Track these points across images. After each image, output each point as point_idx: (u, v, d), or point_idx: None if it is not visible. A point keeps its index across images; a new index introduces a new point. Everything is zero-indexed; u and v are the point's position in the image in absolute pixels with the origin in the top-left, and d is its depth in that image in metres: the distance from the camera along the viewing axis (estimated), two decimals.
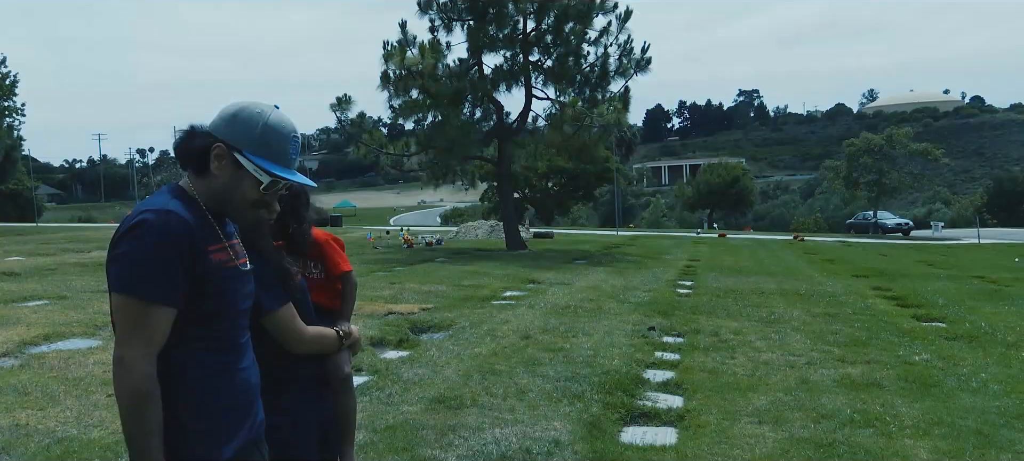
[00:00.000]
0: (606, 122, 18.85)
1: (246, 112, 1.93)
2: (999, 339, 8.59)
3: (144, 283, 1.75)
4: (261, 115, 1.94)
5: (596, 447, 4.76)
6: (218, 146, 1.89)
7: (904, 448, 4.83)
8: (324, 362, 2.43)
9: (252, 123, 1.92)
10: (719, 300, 11.64)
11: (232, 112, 1.94)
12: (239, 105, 1.96)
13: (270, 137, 1.93)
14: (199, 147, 1.90)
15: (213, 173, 1.89)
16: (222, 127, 1.92)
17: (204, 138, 1.91)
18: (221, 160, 1.89)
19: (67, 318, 8.57)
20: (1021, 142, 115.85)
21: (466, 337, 8.23)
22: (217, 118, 1.94)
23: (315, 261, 2.58)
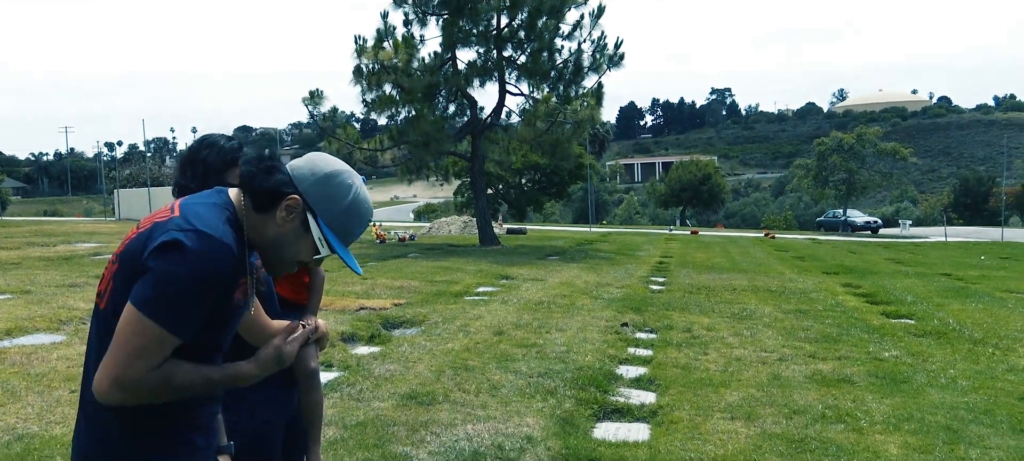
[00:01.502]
0: (579, 118, 18.84)
1: (340, 179, 1.80)
2: (966, 336, 8.70)
3: (172, 314, 1.63)
4: (351, 188, 1.81)
5: (569, 443, 4.73)
6: (295, 199, 1.75)
7: (875, 443, 4.86)
8: None
9: (341, 194, 1.79)
10: (691, 296, 11.68)
11: (326, 173, 1.79)
12: (335, 168, 1.81)
13: (351, 215, 1.81)
14: (273, 187, 1.75)
15: (276, 220, 1.75)
16: (309, 182, 1.77)
17: (282, 180, 1.76)
18: (291, 214, 1.76)
19: (30, 313, 8.38)
20: (986, 142, 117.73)
21: (438, 333, 8.17)
22: (305, 168, 1.79)
23: None
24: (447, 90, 20.62)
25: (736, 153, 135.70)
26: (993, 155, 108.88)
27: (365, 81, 19.42)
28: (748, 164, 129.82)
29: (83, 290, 10.47)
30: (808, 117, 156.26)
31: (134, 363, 1.62)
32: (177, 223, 1.68)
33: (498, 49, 20.66)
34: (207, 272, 1.64)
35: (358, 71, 19.40)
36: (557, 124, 19.00)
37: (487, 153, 21.83)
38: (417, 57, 20.01)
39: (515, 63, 20.83)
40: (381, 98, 19.66)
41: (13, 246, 17.62)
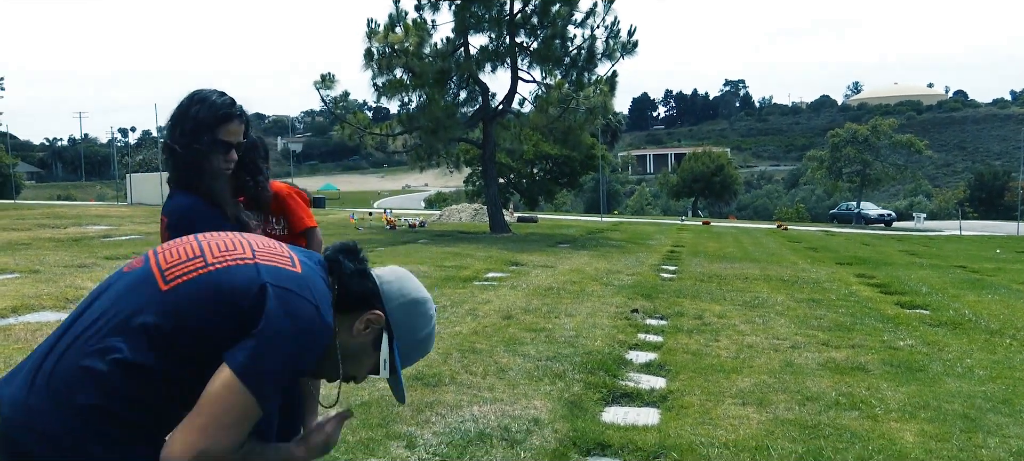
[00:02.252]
0: (592, 105, 18.69)
1: (425, 308, 1.76)
2: (983, 326, 8.55)
3: (275, 392, 1.55)
4: (431, 320, 1.79)
5: (577, 426, 4.63)
6: (379, 315, 1.69)
7: (890, 431, 4.74)
8: None
9: (422, 324, 1.76)
10: (703, 284, 11.55)
11: (414, 298, 1.75)
12: (423, 294, 1.78)
13: (422, 346, 1.79)
14: (361, 292, 1.69)
15: (351, 328, 1.68)
16: (396, 302, 1.72)
17: (373, 290, 1.70)
18: (368, 328, 1.69)
19: (37, 291, 8.35)
20: (1002, 137, 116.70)
21: (447, 316, 8.09)
22: (395, 285, 1.74)
23: (277, 216, 2.43)
24: (459, 76, 20.51)
25: (749, 145, 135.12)
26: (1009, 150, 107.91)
27: (376, 65, 19.32)
28: (761, 156, 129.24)
29: (91, 271, 10.46)
30: (822, 110, 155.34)
31: (225, 437, 1.49)
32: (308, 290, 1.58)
33: (510, 35, 20.51)
34: (310, 360, 1.58)
35: (369, 54, 19.31)
36: (569, 111, 18.86)
37: (498, 140, 21.71)
38: (429, 42, 19.91)
39: (527, 49, 20.69)
40: (391, 82, 19.56)
41: (24, 227, 17.65)
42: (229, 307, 1.53)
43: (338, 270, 1.69)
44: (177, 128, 2.08)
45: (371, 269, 1.76)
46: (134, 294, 1.57)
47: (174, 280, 1.56)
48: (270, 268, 1.58)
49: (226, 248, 1.60)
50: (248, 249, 1.61)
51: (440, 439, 4.31)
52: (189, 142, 2.06)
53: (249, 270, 1.56)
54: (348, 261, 1.70)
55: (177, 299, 1.54)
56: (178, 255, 1.61)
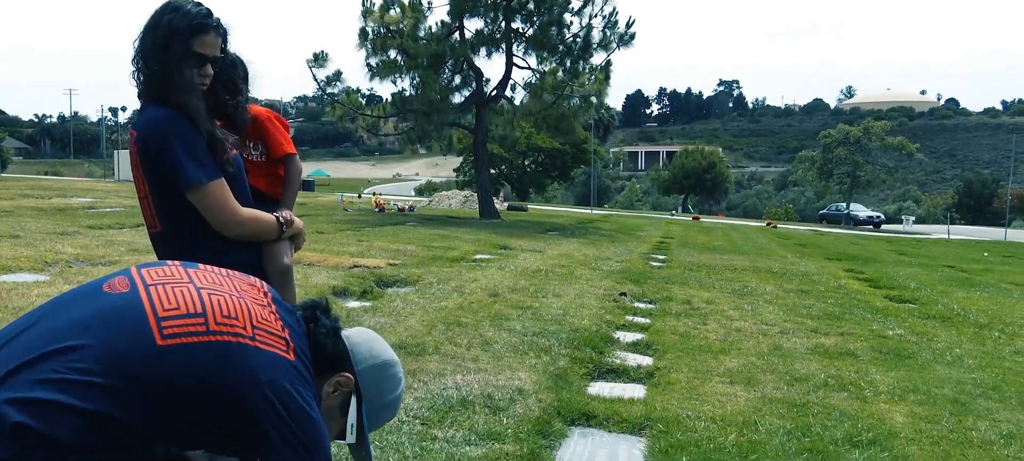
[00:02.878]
0: (586, 93, 18.58)
1: (394, 370, 1.74)
2: (972, 320, 8.51)
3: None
4: (400, 383, 1.76)
5: (562, 397, 4.54)
6: (348, 378, 1.65)
7: (880, 411, 4.67)
8: (261, 251, 2.16)
9: (390, 386, 1.73)
10: (692, 273, 11.48)
11: (384, 360, 1.72)
12: (392, 356, 1.75)
13: (389, 410, 1.77)
14: (333, 354, 1.64)
15: (322, 390, 1.63)
16: (366, 364, 1.67)
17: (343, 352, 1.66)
18: (336, 391, 1.64)
19: (16, 253, 8.20)
20: (992, 146, 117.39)
21: (432, 292, 7.98)
22: (364, 347, 1.69)
23: (255, 141, 2.31)
24: (453, 60, 20.35)
25: (741, 145, 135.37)
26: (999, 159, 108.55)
27: (370, 44, 19.13)
28: (752, 157, 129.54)
29: (73, 238, 10.30)
30: (815, 113, 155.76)
31: None
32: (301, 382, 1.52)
33: (507, 20, 20.35)
34: None
35: (363, 34, 19.11)
36: (563, 98, 18.74)
37: (491, 125, 21.57)
38: (424, 25, 19.73)
39: (523, 36, 20.54)
40: (385, 63, 19.38)
41: (7, 197, 17.43)
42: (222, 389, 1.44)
43: (313, 328, 1.63)
44: (149, 37, 1.97)
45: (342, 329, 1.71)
46: (121, 337, 1.42)
47: (172, 338, 1.43)
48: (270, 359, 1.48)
49: (229, 314, 1.48)
50: (249, 324, 1.49)
51: (421, 404, 4.21)
52: (161, 52, 1.94)
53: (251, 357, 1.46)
54: (324, 319, 1.65)
55: (173, 362, 1.42)
56: (177, 303, 1.47)
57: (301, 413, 1.46)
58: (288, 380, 1.46)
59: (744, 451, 3.78)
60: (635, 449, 3.90)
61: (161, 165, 1.96)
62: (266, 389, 1.43)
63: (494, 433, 3.81)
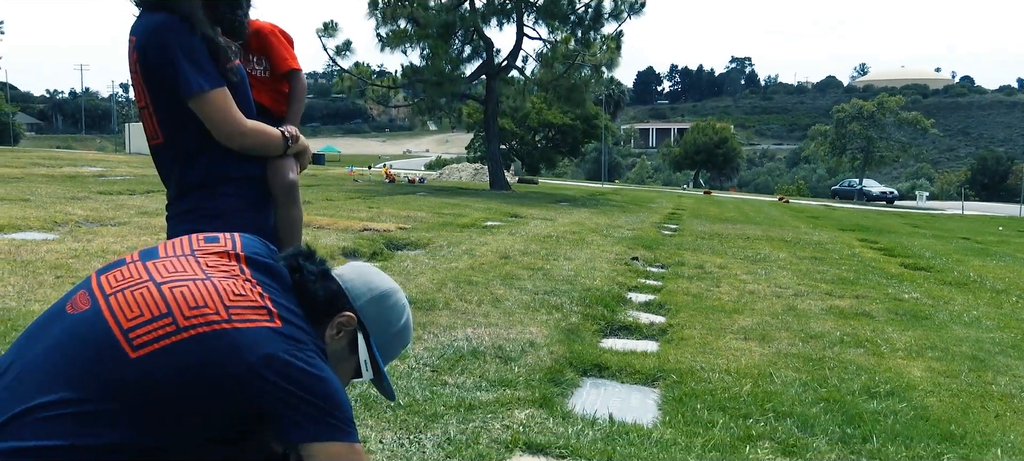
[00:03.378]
0: (598, 62, 18.40)
1: (395, 298, 1.65)
2: (988, 286, 8.40)
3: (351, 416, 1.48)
4: (405, 309, 1.68)
5: (573, 349, 4.48)
6: (350, 316, 1.57)
7: (897, 366, 4.59)
8: (266, 166, 2.09)
9: (395, 315, 1.65)
10: (704, 241, 11.39)
11: (382, 290, 1.64)
12: (389, 285, 1.66)
13: (400, 339, 1.70)
14: (327, 297, 1.56)
15: (325, 336, 1.56)
16: (365, 299, 1.60)
17: (337, 290, 1.58)
18: (341, 331, 1.57)
19: (25, 214, 8.18)
20: (1007, 124, 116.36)
21: (443, 254, 7.93)
22: (359, 282, 1.62)
23: (259, 56, 2.24)
24: (463, 30, 20.18)
25: (753, 123, 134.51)
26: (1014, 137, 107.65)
27: (380, 13, 18.99)
28: (764, 135, 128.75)
29: (83, 202, 10.28)
30: (828, 90, 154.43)
31: None
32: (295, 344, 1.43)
33: None
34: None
35: (373, 3, 18.97)
36: (574, 67, 18.58)
37: (502, 96, 21.41)
38: None
39: (534, 5, 20.34)
40: (395, 33, 19.25)
41: (18, 165, 17.45)
42: (216, 383, 1.36)
43: (300, 277, 1.55)
44: None
45: (331, 270, 1.63)
46: (95, 359, 1.35)
47: (144, 347, 1.35)
48: (254, 334, 1.39)
49: (196, 304, 1.39)
50: (221, 307, 1.39)
51: (431, 354, 4.15)
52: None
53: (233, 341, 1.37)
54: (308, 265, 1.57)
55: (153, 370, 1.34)
56: (140, 309, 1.38)
57: (304, 376, 1.39)
58: (280, 349, 1.38)
59: (760, 400, 3.71)
60: (648, 399, 3.84)
61: (161, 72, 1.89)
62: (259, 368, 1.35)
63: (505, 380, 3.75)
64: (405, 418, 3.14)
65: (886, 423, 3.48)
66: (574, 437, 3.08)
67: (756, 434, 3.26)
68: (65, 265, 5.58)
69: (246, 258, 1.53)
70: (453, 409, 3.29)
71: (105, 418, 1.33)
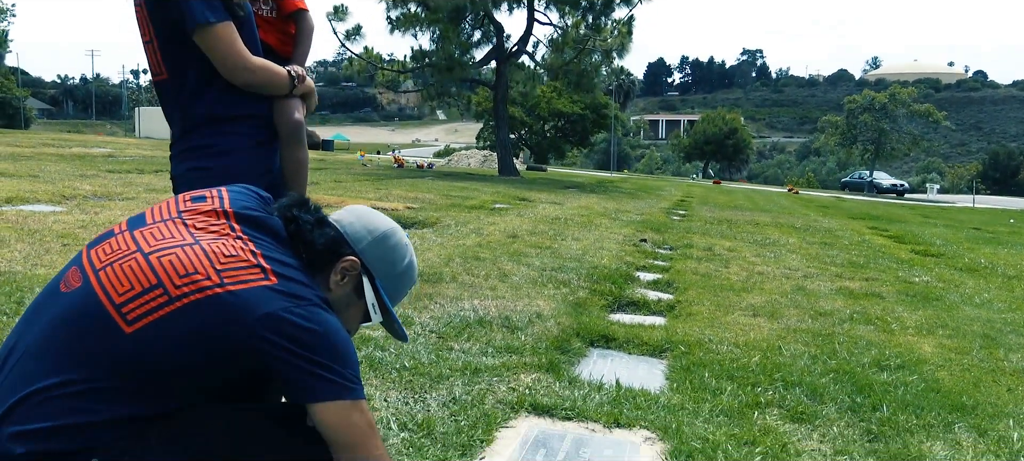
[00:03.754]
0: (609, 47, 18.32)
1: (397, 238, 1.62)
2: (1000, 272, 8.32)
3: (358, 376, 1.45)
4: (408, 249, 1.65)
5: (581, 320, 4.45)
6: (353, 261, 1.54)
7: (908, 342, 4.55)
8: (272, 105, 2.06)
9: (399, 255, 1.62)
10: (713, 226, 11.34)
11: (383, 231, 1.60)
12: (389, 225, 1.63)
13: (405, 279, 1.67)
14: (326, 243, 1.53)
15: (329, 283, 1.53)
16: (366, 242, 1.57)
17: (337, 236, 1.55)
18: (345, 277, 1.54)
19: (34, 188, 8.20)
20: (1020, 119, 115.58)
21: (451, 232, 7.91)
22: (358, 225, 1.59)
23: None
24: (474, 14, 20.11)
25: (763, 115, 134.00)
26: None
27: None
28: (775, 127, 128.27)
29: (92, 181, 10.28)
30: (839, 83, 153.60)
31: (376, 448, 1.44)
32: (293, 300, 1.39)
33: None
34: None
35: None
36: (585, 52, 18.49)
37: (511, 81, 21.33)
38: None
39: None
40: (406, 16, 19.19)
41: (29, 145, 17.51)
42: (217, 349, 1.34)
43: (296, 227, 1.51)
44: None
45: (328, 216, 1.60)
46: (92, 339, 1.33)
47: (138, 320, 1.33)
48: (249, 295, 1.35)
49: (186, 272, 1.35)
50: (212, 271, 1.36)
51: (437, 322, 4.13)
52: None
53: (228, 305, 1.33)
54: (303, 214, 1.54)
55: (151, 343, 1.32)
56: (130, 283, 1.35)
57: (305, 333, 1.35)
58: (278, 307, 1.34)
59: (768, 370, 3.67)
60: (656, 369, 3.80)
61: (166, 3, 1.86)
62: (258, 329, 1.32)
63: (512, 347, 3.72)
64: (410, 379, 3.12)
65: (896, 394, 3.44)
66: (581, 400, 3.05)
67: (765, 402, 3.23)
68: (72, 234, 5.58)
69: (236, 214, 1.49)
70: (459, 372, 3.27)
71: (110, 395, 1.32)
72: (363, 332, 3.75)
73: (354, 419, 1.40)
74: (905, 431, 2.99)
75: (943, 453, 2.81)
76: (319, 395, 1.37)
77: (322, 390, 1.37)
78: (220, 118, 1.96)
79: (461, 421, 2.71)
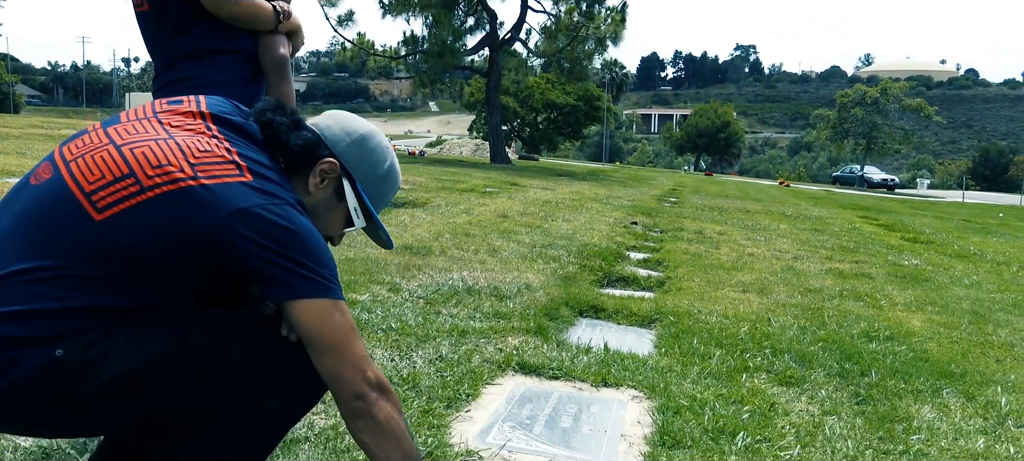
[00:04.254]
0: (602, 35, 18.28)
1: (377, 140, 1.57)
2: (989, 258, 8.35)
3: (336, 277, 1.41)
4: (388, 151, 1.60)
5: (570, 292, 4.43)
6: (332, 163, 1.50)
7: (897, 317, 4.54)
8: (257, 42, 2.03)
9: (379, 157, 1.57)
10: (704, 212, 11.34)
11: (362, 133, 1.56)
12: (368, 128, 1.59)
13: (388, 181, 1.61)
14: (304, 145, 1.48)
15: (307, 187, 1.49)
16: (345, 144, 1.53)
17: (314, 139, 1.50)
18: (325, 180, 1.50)
19: (20, 163, 8.14)
20: (1010, 118, 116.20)
21: (441, 212, 7.88)
22: (336, 127, 1.54)
23: None
24: (467, 1, 20.03)
25: (756, 111, 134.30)
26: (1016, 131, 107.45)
27: None
28: (767, 123, 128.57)
29: None
30: (832, 80, 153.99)
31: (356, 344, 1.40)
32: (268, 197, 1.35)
33: None
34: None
35: None
36: (578, 40, 18.44)
37: (504, 69, 21.27)
38: None
39: None
40: (399, 1, 19.10)
41: (17, 127, 17.40)
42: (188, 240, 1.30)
43: (272, 131, 1.47)
44: None
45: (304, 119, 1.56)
46: (60, 226, 1.30)
47: (108, 209, 1.29)
48: (223, 190, 1.32)
49: (159, 163, 1.32)
50: (186, 164, 1.33)
51: (425, 289, 4.10)
52: None
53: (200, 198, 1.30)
54: (279, 117, 1.49)
55: (121, 231, 1.29)
56: (101, 172, 1.32)
57: (280, 231, 1.32)
58: (252, 202, 1.32)
59: (757, 339, 3.66)
60: (645, 338, 3.78)
61: None
62: (232, 223, 1.30)
63: (500, 314, 3.70)
64: (397, 339, 3.09)
65: (885, 362, 3.44)
66: (568, 361, 3.03)
67: (753, 367, 3.21)
68: None
69: (212, 116, 1.46)
70: (446, 334, 3.24)
71: (78, 283, 1.28)
72: (348, 295, 3.72)
73: (335, 319, 1.36)
74: (893, 395, 2.99)
75: (931, 415, 2.80)
76: (298, 292, 1.34)
77: (301, 287, 1.34)
78: (203, 52, 1.92)
79: (447, 377, 2.69)
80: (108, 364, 1.27)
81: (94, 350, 1.27)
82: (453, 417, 2.39)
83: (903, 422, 2.68)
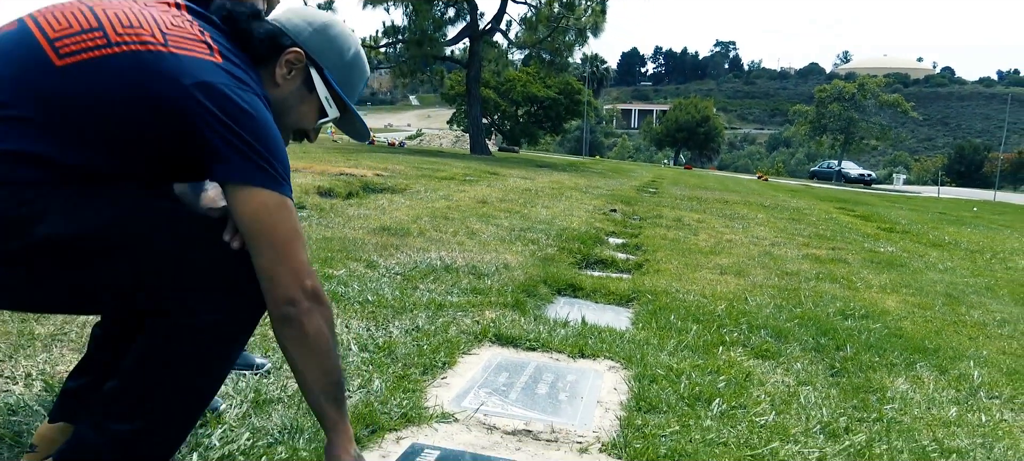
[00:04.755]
0: (582, 26, 18.28)
1: (339, 28, 1.55)
2: (963, 247, 8.45)
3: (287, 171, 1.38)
4: (351, 35, 1.57)
5: (549, 271, 4.42)
6: (297, 52, 1.47)
7: (872, 298, 4.58)
8: None
9: (344, 44, 1.54)
10: (683, 202, 11.38)
11: (323, 21, 1.54)
12: (330, 17, 1.57)
13: (356, 68, 1.58)
14: (266, 36, 1.45)
15: (273, 79, 1.47)
16: (308, 34, 1.50)
17: (275, 30, 1.47)
18: (292, 70, 1.48)
19: None
20: (985, 116, 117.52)
21: (421, 197, 7.85)
22: (297, 19, 1.51)
23: None
24: None
25: (735, 107, 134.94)
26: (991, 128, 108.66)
27: None
28: (746, 119, 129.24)
29: None
30: (810, 77, 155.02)
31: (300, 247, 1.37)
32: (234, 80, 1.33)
33: None
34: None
35: None
36: (559, 31, 18.44)
37: (484, 57, 21.22)
38: None
39: None
40: None
41: None
42: (147, 103, 1.27)
43: (233, 24, 1.45)
44: None
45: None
46: (15, 65, 1.26)
47: (70, 56, 1.26)
48: (192, 62, 1.30)
49: (130, 24, 1.29)
50: (157, 31, 1.30)
51: (404, 266, 4.08)
52: None
53: (168, 64, 1.28)
54: (238, 7, 1.47)
55: (80, 81, 1.25)
56: (68, 22, 1.29)
57: (240, 113, 1.29)
58: (219, 80, 1.30)
59: (734, 316, 3.67)
60: (622, 315, 3.78)
61: None
62: (195, 91, 1.27)
63: (477, 290, 3.69)
64: (373, 311, 3.07)
65: (860, 338, 3.46)
66: (546, 333, 3.02)
67: (730, 341, 3.22)
68: None
69: (187, 7, 1.44)
70: (423, 307, 3.22)
71: (26, 127, 1.23)
72: (323, 270, 3.69)
73: (280, 215, 1.33)
74: (868, 368, 3.01)
75: (904, 386, 2.82)
76: (246, 177, 1.30)
77: (250, 173, 1.30)
78: None
79: (423, 345, 2.67)
80: (41, 226, 1.22)
81: (29, 208, 1.22)
82: (429, 383, 2.37)
83: (877, 393, 2.70)
